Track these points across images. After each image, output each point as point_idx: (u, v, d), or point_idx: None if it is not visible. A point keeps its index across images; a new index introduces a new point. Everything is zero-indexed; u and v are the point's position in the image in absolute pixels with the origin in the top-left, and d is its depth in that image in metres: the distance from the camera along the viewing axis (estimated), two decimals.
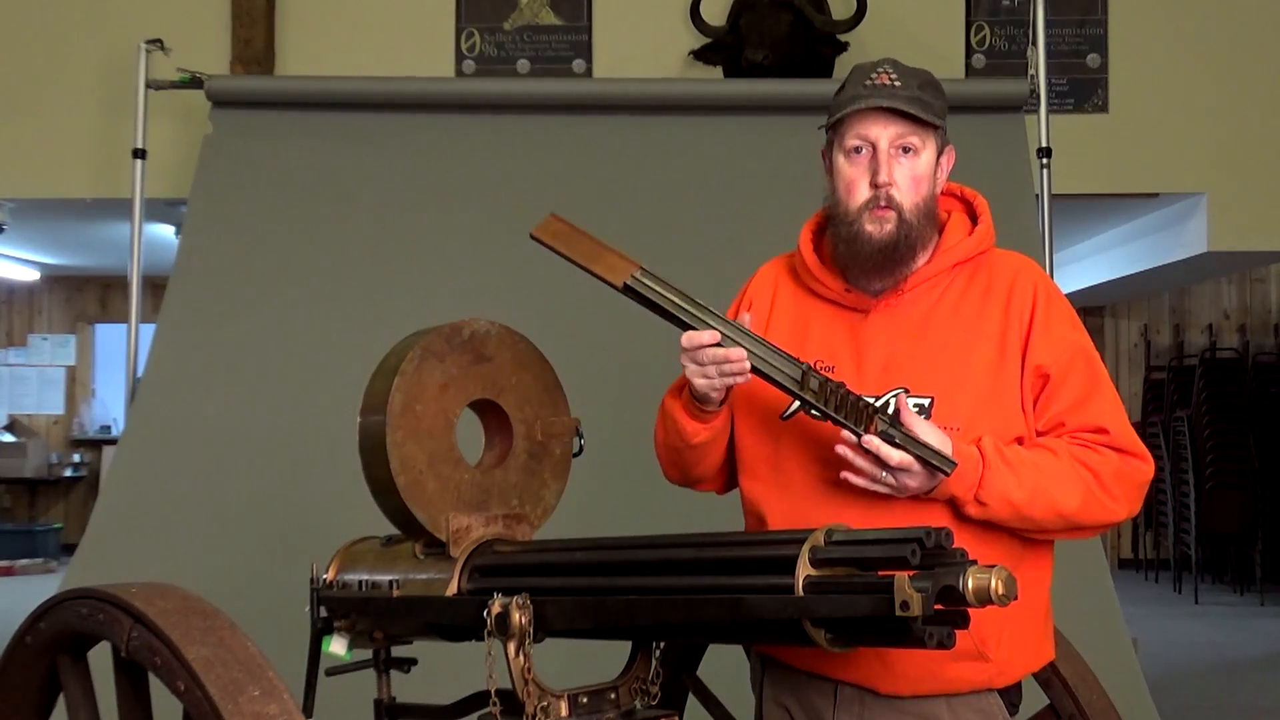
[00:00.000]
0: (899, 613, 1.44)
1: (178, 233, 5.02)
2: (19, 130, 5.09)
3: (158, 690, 1.62)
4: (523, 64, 5.07)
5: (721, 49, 4.80)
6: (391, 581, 1.94)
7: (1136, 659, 3.82)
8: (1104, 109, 5.06)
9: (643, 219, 4.22)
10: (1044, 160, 4.38)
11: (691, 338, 1.81)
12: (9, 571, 9.79)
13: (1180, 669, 6.48)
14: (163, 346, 4.25)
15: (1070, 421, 1.85)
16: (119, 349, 4.83)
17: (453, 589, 1.87)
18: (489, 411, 2.02)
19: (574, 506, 2.12)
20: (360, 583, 1.98)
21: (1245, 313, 10.49)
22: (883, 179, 1.85)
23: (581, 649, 1.89)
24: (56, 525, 10.73)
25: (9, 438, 10.86)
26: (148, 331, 4.42)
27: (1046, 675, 2.18)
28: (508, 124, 4.53)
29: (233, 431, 4.07)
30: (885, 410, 1.77)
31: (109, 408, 11.25)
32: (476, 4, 5.09)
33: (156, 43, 4.55)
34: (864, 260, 1.88)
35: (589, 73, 5.06)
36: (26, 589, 7.70)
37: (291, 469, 3.95)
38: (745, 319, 1.86)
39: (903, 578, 1.45)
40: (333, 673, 2.04)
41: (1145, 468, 1.86)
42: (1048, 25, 4.51)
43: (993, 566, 1.48)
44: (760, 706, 2.01)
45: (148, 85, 4.55)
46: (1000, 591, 1.46)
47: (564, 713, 1.78)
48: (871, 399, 1.81)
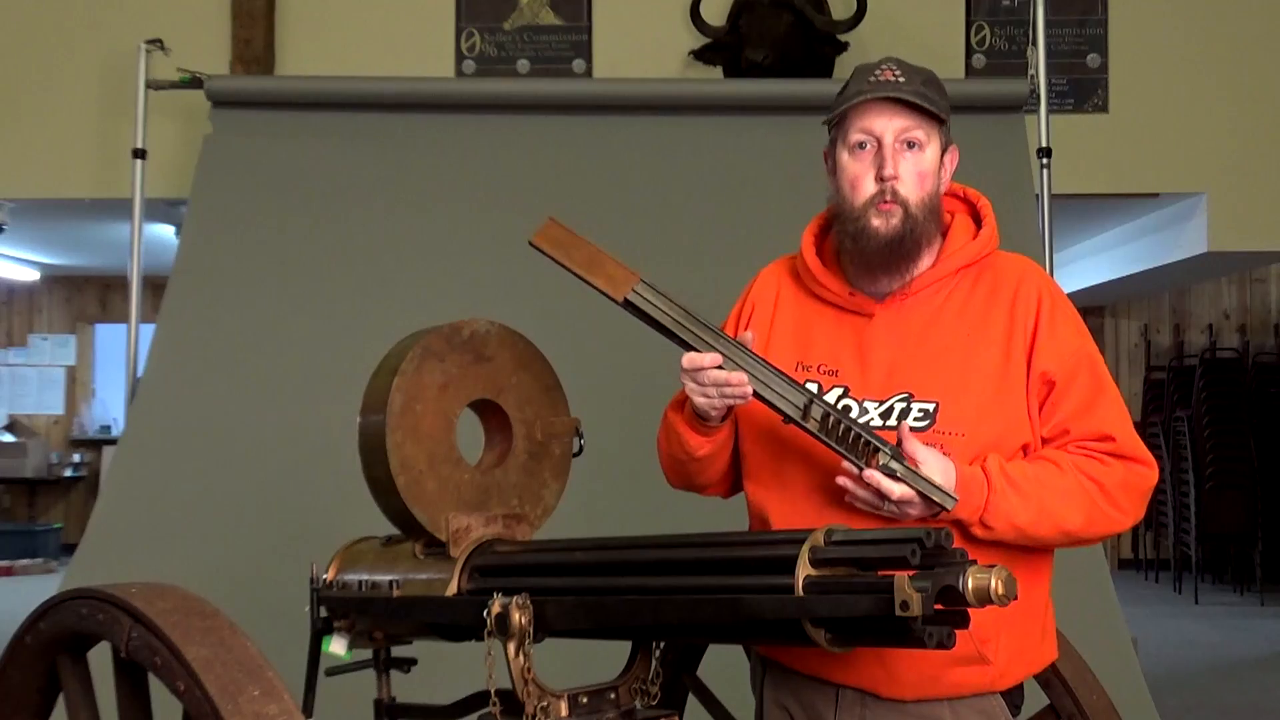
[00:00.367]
0: (899, 612, 1.43)
1: (178, 233, 5.01)
2: (19, 130, 5.09)
3: (158, 690, 1.62)
4: (523, 64, 5.06)
5: (721, 49, 4.79)
6: (391, 581, 1.93)
7: (1136, 659, 3.82)
8: (1104, 109, 5.06)
9: (643, 219, 4.22)
10: (1044, 160, 4.37)
11: (693, 359, 1.79)
12: (9, 571, 9.79)
13: (1180, 669, 6.48)
14: (162, 346, 4.24)
15: (1075, 429, 1.83)
16: (119, 349, 4.83)
17: (452, 589, 1.87)
18: (489, 411, 2.01)
19: (574, 506, 2.12)
20: (360, 583, 1.98)
21: (1245, 313, 10.49)
22: (888, 172, 1.84)
23: (581, 649, 1.89)
24: (56, 525, 10.72)
25: (9, 438, 10.86)
26: (148, 331, 4.42)
27: (1046, 675, 2.17)
28: (508, 124, 4.52)
29: (233, 431, 4.06)
30: (887, 443, 1.73)
31: (109, 408, 11.26)
32: (476, 4, 5.08)
33: (156, 43, 4.55)
34: (871, 256, 1.86)
35: (589, 73, 5.05)
36: (26, 589, 7.69)
37: (291, 469, 3.94)
38: (747, 338, 1.83)
39: (902, 577, 1.44)
40: (333, 673, 2.04)
41: (1150, 474, 1.85)
42: (1048, 25, 4.50)
43: (992, 566, 1.48)
44: (761, 707, 2.00)
45: (148, 85, 4.55)
46: (1000, 591, 1.46)
47: (564, 713, 1.78)
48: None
